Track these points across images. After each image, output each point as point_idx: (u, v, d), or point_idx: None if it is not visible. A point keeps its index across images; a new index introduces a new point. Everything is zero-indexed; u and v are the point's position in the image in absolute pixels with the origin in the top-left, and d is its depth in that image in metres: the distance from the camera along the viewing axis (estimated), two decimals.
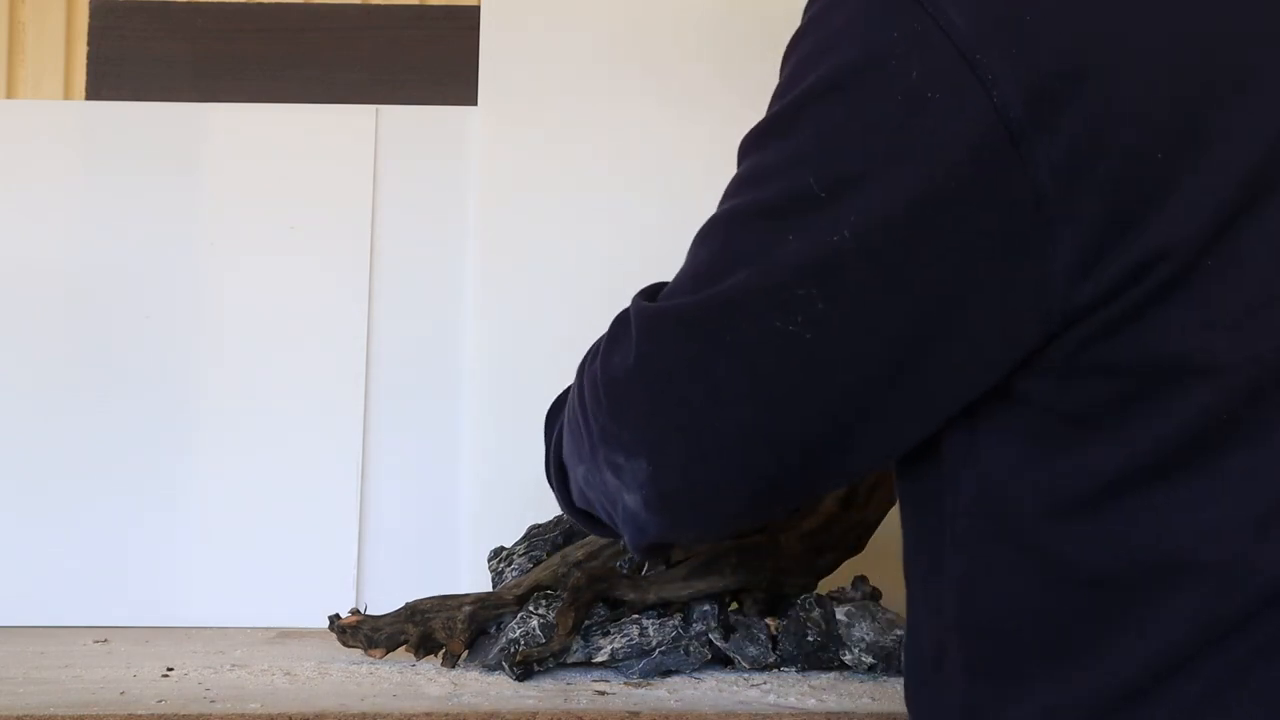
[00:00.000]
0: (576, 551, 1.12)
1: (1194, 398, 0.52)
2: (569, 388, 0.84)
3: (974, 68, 0.50)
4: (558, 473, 0.77)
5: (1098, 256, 0.51)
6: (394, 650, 1.10)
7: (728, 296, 0.57)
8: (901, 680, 1.05)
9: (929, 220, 0.52)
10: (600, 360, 0.64)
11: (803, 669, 1.08)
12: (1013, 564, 0.58)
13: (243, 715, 0.88)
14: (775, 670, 1.08)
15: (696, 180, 1.48)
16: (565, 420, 0.73)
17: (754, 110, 0.62)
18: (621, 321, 0.64)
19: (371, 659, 1.11)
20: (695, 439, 0.58)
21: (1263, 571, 0.52)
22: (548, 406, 0.85)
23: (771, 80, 0.97)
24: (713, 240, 0.60)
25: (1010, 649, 0.58)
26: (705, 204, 0.62)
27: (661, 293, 0.63)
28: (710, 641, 1.08)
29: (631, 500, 0.62)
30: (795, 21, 0.72)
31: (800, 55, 0.58)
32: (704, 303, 0.57)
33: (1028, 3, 0.51)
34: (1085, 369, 0.54)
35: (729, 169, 0.61)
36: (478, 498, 1.45)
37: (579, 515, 0.78)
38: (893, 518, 0.78)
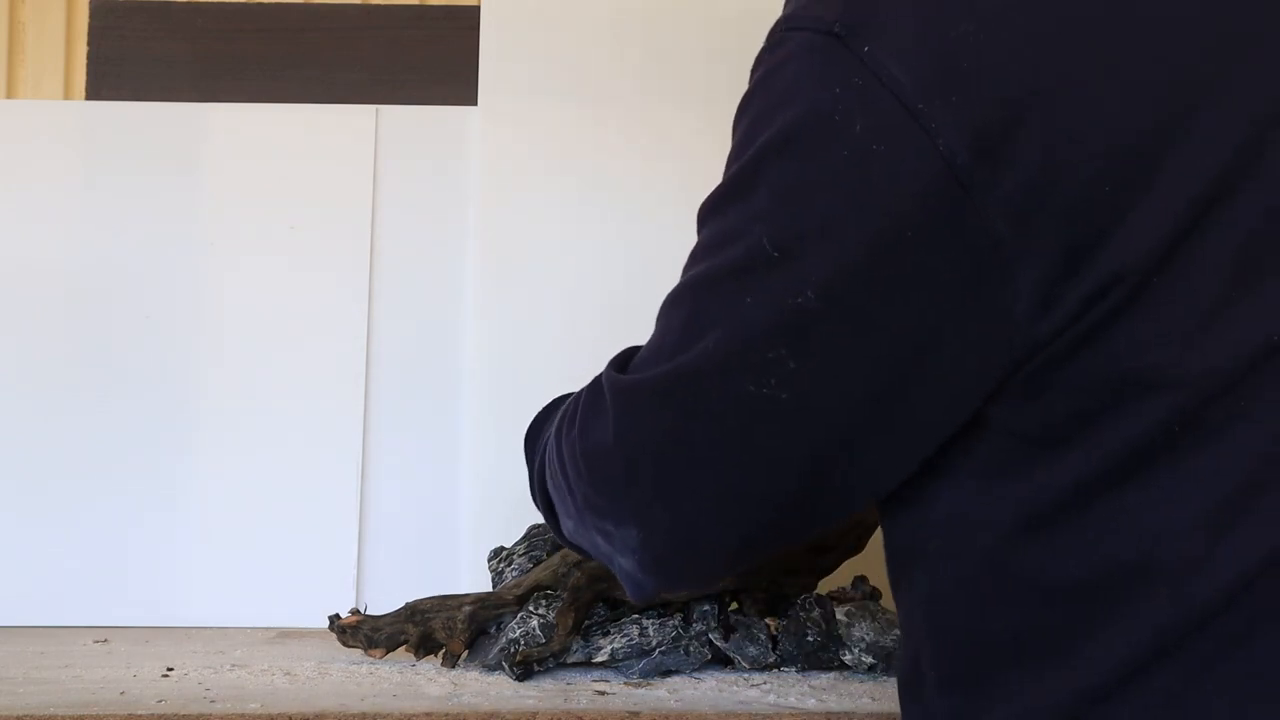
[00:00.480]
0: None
1: (1152, 409, 0.54)
2: (546, 410, 0.83)
3: (916, 118, 0.51)
4: (544, 503, 0.77)
5: (1057, 288, 0.52)
6: (394, 650, 1.10)
7: (697, 365, 0.57)
8: None
9: (887, 270, 0.53)
10: (579, 431, 0.64)
11: (803, 669, 1.08)
12: (984, 580, 0.59)
13: (243, 715, 0.88)
14: (775, 670, 1.08)
15: (696, 180, 1.47)
16: (548, 468, 0.72)
17: None
18: (596, 391, 0.64)
19: (371, 659, 1.11)
20: (678, 507, 0.58)
21: (1231, 561, 0.53)
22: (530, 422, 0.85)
23: None
24: (680, 307, 0.60)
25: (982, 660, 0.59)
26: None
27: (634, 360, 0.63)
28: (710, 641, 1.08)
29: (627, 564, 0.63)
30: None
31: (750, 118, 0.59)
32: (675, 372, 0.58)
33: (966, 51, 0.52)
34: (1045, 391, 0.55)
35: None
36: (478, 498, 1.45)
37: (570, 545, 0.78)
38: None
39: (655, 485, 0.58)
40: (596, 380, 0.65)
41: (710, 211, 0.60)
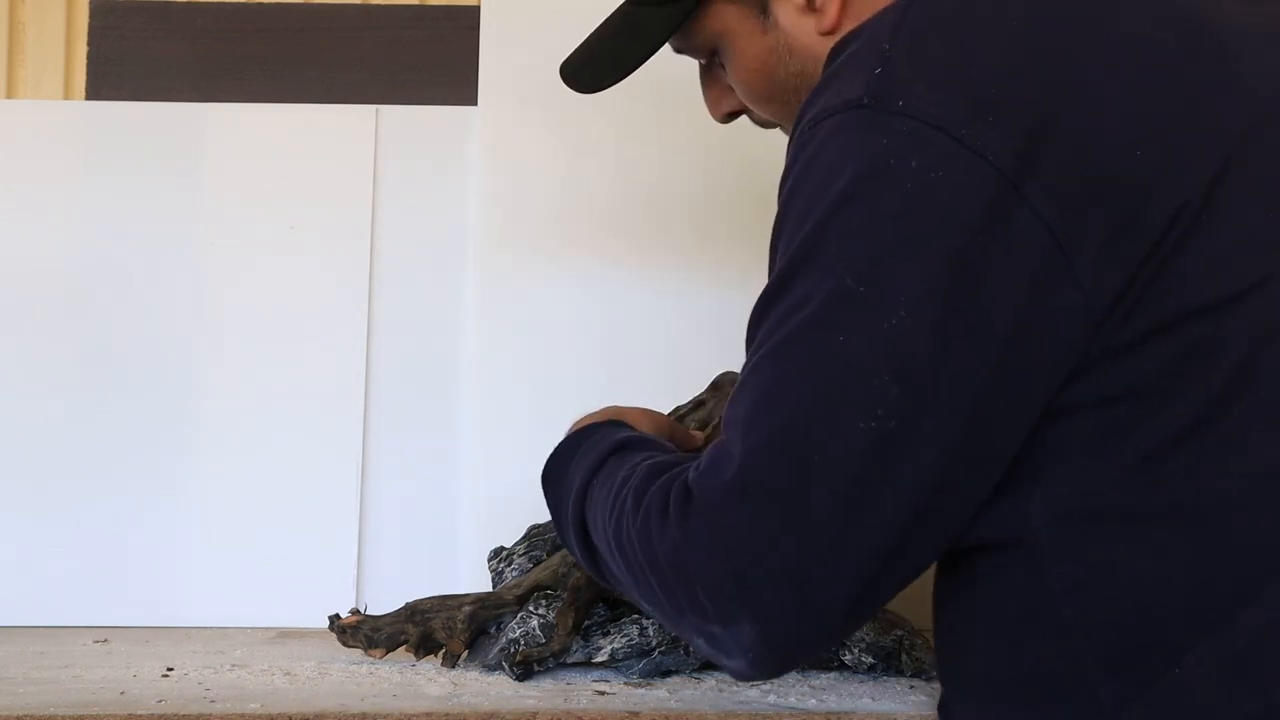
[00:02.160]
0: None
1: (1226, 342, 0.58)
2: (567, 445, 0.81)
3: (962, 142, 0.58)
4: (584, 549, 0.75)
5: (1113, 249, 0.57)
6: (394, 650, 1.10)
7: (802, 420, 0.57)
8: (900, 679, 1.06)
9: (968, 277, 0.57)
10: (675, 534, 0.61)
11: (803, 669, 1.08)
12: (1122, 537, 0.60)
13: (243, 715, 0.88)
14: None
15: (696, 180, 1.48)
16: (615, 556, 0.69)
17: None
18: (681, 494, 0.62)
19: (371, 659, 1.11)
20: (796, 586, 0.57)
21: None
22: (548, 432, 0.83)
23: None
24: (762, 380, 0.60)
25: (1151, 618, 0.59)
26: (704, 205, 0.62)
27: (711, 460, 0.61)
28: None
29: (736, 664, 0.62)
30: None
31: (799, 207, 0.62)
32: (776, 434, 0.58)
33: (990, 80, 0.60)
34: (1125, 351, 0.58)
35: (728, 170, 0.62)
36: (478, 498, 1.45)
37: (606, 582, 0.78)
38: None
39: (770, 572, 0.57)
40: (675, 482, 0.63)
41: (768, 300, 0.62)
